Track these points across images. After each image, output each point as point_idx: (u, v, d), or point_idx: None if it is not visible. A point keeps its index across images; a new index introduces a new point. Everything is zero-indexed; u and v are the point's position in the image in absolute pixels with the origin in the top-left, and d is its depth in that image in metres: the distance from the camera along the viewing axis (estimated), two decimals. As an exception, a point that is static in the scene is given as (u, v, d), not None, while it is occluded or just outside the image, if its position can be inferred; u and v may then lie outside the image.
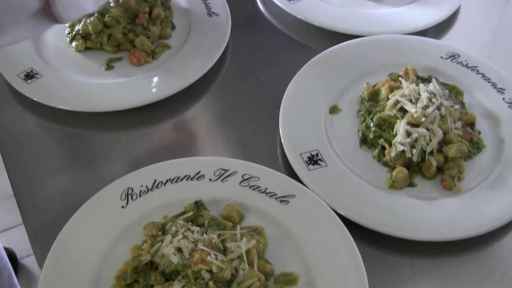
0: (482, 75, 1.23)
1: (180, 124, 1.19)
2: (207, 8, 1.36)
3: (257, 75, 1.28)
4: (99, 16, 1.26)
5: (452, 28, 1.40)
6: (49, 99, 1.17)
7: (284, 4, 1.37)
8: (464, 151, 1.06)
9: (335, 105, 1.17)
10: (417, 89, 1.10)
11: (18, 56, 1.25)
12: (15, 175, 1.11)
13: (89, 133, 1.18)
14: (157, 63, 1.26)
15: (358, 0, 1.42)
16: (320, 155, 1.07)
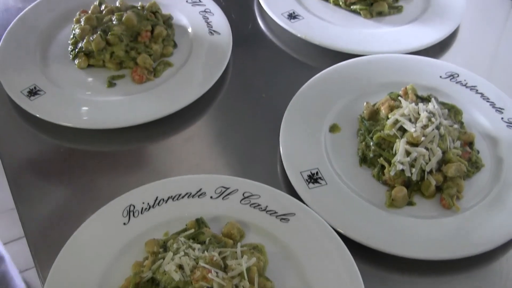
0: (481, 95, 1.24)
1: (182, 141, 1.19)
2: (209, 26, 1.37)
3: (258, 93, 1.28)
4: (102, 34, 1.27)
5: (451, 48, 1.41)
6: (52, 116, 1.18)
7: (284, 23, 1.38)
8: (463, 171, 1.07)
9: (335, 124, 1.18)
10: (417, 108, 1.10)
11: (21, 73, 1.26)
12: (17, 191, 1.12)
13: (91, 150, 1.18)
14: (159, 80, 1.27)
15: (358, 19, 1.43)
16: (320, 173, 1.08)
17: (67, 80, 1.27)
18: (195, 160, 1.16)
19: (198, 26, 1.38)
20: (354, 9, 1.44)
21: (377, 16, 1.44)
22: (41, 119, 1.18)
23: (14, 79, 1.25)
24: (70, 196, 1.11)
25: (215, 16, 1.40)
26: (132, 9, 1.32)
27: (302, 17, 1.40)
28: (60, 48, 1.34)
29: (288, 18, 1.39)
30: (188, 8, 1.43)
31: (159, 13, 1.35)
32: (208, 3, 1.43)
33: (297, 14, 1.41)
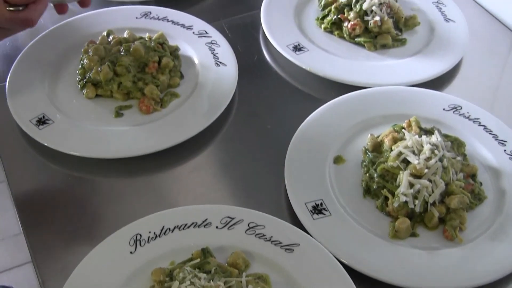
0: (484, 127, 1.25)
1: (188, 171, 1.21)
2: (215, 58, 1.39)
3: (263, 124, 1.30)
4: (110, 65, 1.28)
5: (454, 80, 1.42)
6: (60, 145, 1.20)
7: (290, 55, 1.40)
8: (466, 202, 1.07)
9: (339, 155, 1.19)
10: (420, 141, 1.12)
11: (30, 102, 1.28)
12: (25, 218, 1.13)
13: (99, 179, 1.20)
14: (165, 111, 1.28)
15: (362, 52, 1.44)
16: (325, 204, 1.09)
17: (75, 109, 1.28)
18: (201, 190, 1.17)
19: (205, 57, 1.40)
20: (358, 41, 1.45)
21: (381, 49, 1.45)
22: (49, 148, 1.19)
23: (23, 108, 1.26)
24: (78, 224, 1.12)
25: (222, 47, 1.41)
26: (140, 40, 1.34)
27: (307, 49, 1.42)
28: (68, 77, 1.35)
29: (293, 50, 1.41)
30: (194, 39, 1.44)
31: (166, 44, 1.36)
32: (215, 34, 1.45)
33: (302, 46, 1.42)
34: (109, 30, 1.40)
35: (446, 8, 1.57)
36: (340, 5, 1.48)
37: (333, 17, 1.48)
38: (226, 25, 1.53)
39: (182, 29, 1.47)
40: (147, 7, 1.53)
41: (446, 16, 1.54)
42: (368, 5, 1.43)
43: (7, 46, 1.49)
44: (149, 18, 1.50)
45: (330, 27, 1.49)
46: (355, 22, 1.44)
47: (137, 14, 1.51)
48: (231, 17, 1.57)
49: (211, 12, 1.58)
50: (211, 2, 1.64)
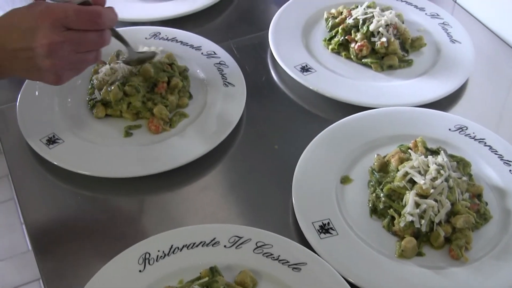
0: (490, 147, 1.26)
1: (196, 191, 1.22)
2: (223, 78, 1.40)
3: (271, 144, 1.30)
4: (120, 85, 1.30)
5: (460, 101, 1.43)
6: (70, 164, 1.21)
7: (297, 76, 1.41)
8: (472, 222, 1.08)
9: (346, 175, 1.20)
10: (426, 161, 1.13)
11: (41, 121, 1.29)
12: (35, 236, 1.14)
13: (108, 198, 1.21)
14: (174, 131, 1.29)
15: (369, 73, 1.46)
16: (332, 224, 1.10)
17: (85, 129, 1.29)
18: (209, 209, 1.18)
19: (213, 78, 1.41)
20: (365, 62, 1.46)
21: (387, 70, 1.46)
22: (59, 167, 1.21)
23: (34, 127, 1.28)
24: (87, 243, 1.12)
25: (230, 68, 1.42)
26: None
27: (314, 70, 1.43)
28: (78, 97, 1.36)
29: (301, 71, 1.42)
30: (203, 60, 1.45)
31: (175, 64, 1.38)
32: (223, 55, 1.46)
33: (310, 67, 1.44)
34: (118, 51, 1.42)
35: (452, 29, 1.58)
36: (347, 26, 1.49)
37: (340, 38, 1.50)
38: (234, 45, 1.55)
39: (191, 50, 1.48)
40: (156, 28, 1.55)
41: (452, 37, 1.55)
42: (375, 27, 1.44)
43: (18, 66, 1.51)
44: (158, 38, 1.51)
45: (338, 48, 1.50)
46: (362, 43, 1.45)
47: (146, 34, 1.53)
48: (239, 37, 1.58)
49: (220, 33, 1.60)
50: (219, 23, 1.66)
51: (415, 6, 1.66)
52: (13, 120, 1.31)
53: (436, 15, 1.63)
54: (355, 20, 1.48)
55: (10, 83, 1.44)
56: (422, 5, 1.66)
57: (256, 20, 1.68)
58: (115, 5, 1.58)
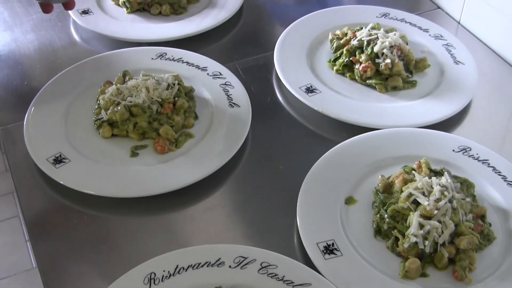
0: (493, 168, 1.27)
1: (201, 211, 1.22)
2: (229, 99, 1.41)
3: (276, 164, 1.31)
4: (126, 105, 1.31)
5: (464, 122, 1.44)
6: (76, 184, 1.22)
7: (302, 97, 1.42)
8: (475, 243, 1.09)
9: (351, 196, 1.21)
10: (430, 182, 1.13)
11: (47, 141, 1.30)
12: (41, 256, 1.15)
13: (114, 218, 1.21)
14: (180, 151, 1.30)
15: (374, 94, 1.46)
16: (336, 244, 1.11)
17: (91, 149, 1.30)
18: (214, 229, 1.19)
19: (219, 98, 1.42)
20: (369, 83, 1.47)
21: (392, 91, 1.47)
22: (65, 186, 1.21)
23: (41, 147, 1.29)
24: (92, 262, 1.13)
25: (235, 89, 1.44)
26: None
27: (319, 91, 1.44)
28: (84, 117, 1.38)
29: (306, 92, 1.43)
30: (209, 80, 1.47)
31: (181, 85, 1.39)
32: (229, 76, 1.47)
33: (315, 88, 1.44)
34: (125, 71, 1.43)
35: (456, 50, 1.59)
36: (352, 48, 1.50)
37: (345, 59, 1.51)
38: (239, 66, 1.56)
39: (196, 70, 1.50)
40: (162, 48, 1.56)
41: (455, 59, 1.56)
42: (379, 48, 1.45)
43: (25, 86, 1.52)
44: (164, 59, 1.53)
45: (342, 69, 1.51)
46: (367, 65, 1.46)
47: (152, 55, 1.54)
48: (244, 58, 1.60)
49: (225, 54, 1.61)
50: (225, 43, 1.68)
51: (419, 27, 1.67)
52: (20, 139, 1.32)
53: (440, 37, 1.64)
54: (360, 42, 1.50)
55: (18, 103, 1.45)
56: (426, 26, 1.67)
57: (261, 41, 1.69)
58: (122, 26, 1.62)
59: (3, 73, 1.57)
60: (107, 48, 1.59)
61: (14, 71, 1.58)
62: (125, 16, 1.71)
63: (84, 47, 1.65)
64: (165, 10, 1.70)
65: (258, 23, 1.78)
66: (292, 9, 1.86)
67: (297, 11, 1.76)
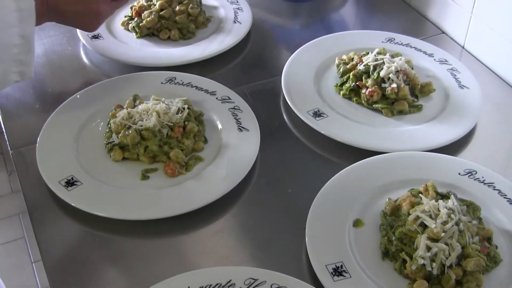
0: (499, 191, 1.28)
1: (211, 234, 1.24)
2: (238, 123, 1.43)
3: (284, 188, 1.32)
4: (137, 129, 1.33)
5: (469, 145, 1.45)
6: (88, 206, 1.23)
7: (310, 121, 1.43)
8: (482, 265, 1.10)
9: (359, 219, 1.22)
10: (437, 205, 1.15)
11: (60, 164, 1.32)
12: (54, 277, 1.16)
13: (125, 240, 1.23)
14: (190, 174, 1.31)
15: (380, 118, 1.48)
16: (345, 267, 1.12)
17: (103, 172, 1.32)
18: (223, 252, 1.20)
19: (228, 122, 1.44)
20: (376, 107, 1.49)
21: (398, 115, 1.48)
22: (77, 208, 1.23)
23: (53, 170, 1.30)
24: (104, 284, 1.14)
25: (244, 113, 1.45)
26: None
27: (326, 115, 1.45)
28: (96, 140, 1.40)
29: (313, 116, 1.45)
30: (218, 105, 1.48)
31: (191, 109, 1.41)
32: (237, 100, 1.49)
33: (322, 112, 1.46)
34: (135, 95, 1.45)
35: (461, 75, 1.61)
36: (358, 73, 1.52)
37: (351, 84, 1.52)
38: (248, 90, 1.57)
39: (206, 95, 1.51)
40: (172, 73, 1.58)
41: (460, 83, 1.58)
42: (385, 73, 1.47)
43: (36, 109, 1.54)
44: (174, 83, 1.55)
45: (349, 93, 1.53)
46: (373, 89, 1.48)
47: (162, 79, 1.56)
48: (252, 83, 1.61)
49: (234, 78, 1.63)
50: (233, 68, 1.69)
51: (424, 52, 1.69)
52: (32, 162, 1.34)
53: (445, 61, 1.66)
54: (366, 67, 1.51)
55: (30, 126, 1.47)
56: (431, 51, 1.69)
57: (269, 66, 1.71)
58: (132, 50, 1.64)
59: (15, 97, 1.59)
60: (117, 72, 1.61)
61: (26, 95, 1.60)
62: (134, 40, 1.73)
63: (95, 71, 1.67)
64: (174, 35, 1.72)
65: (265, 48, 1.81)
66: (298, 34, 1.88)
67: (304, 36, 1.78)
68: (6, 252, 3.01)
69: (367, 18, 1.99)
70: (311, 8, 2.01)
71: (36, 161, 1.32)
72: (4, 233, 3.05)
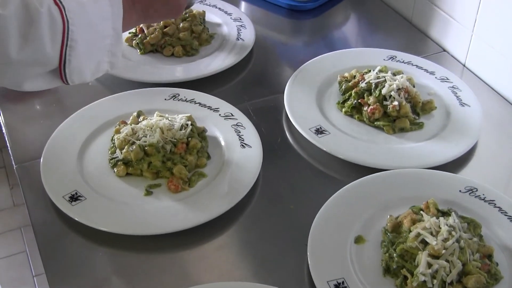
0: (499, 209, 1.28)
1: (213, 249, 1.24)
2: (240, 139, 1.43)
3: (286, 204, 1.33)
4: (141, 145, 1.34)
5: (470, 163, 1.46)
6: (92, 221, 1.24)
7: (312, 138, 1.44)
8: (483, 282, 1.10)
9: (360, 235, 1.23)
10: (438, 222, 1.15)
11: (64, 179, 1.33)
12: (57, 290, 1.17)
13: (128, 254, 1.23)
14: (193, 190, 1.32)
15: (381, 135, 1.49)
16: (346, 283, 1.12)
17: (106, 187, 1.33)
18: (226, 267, 1.21)
19: (231, 139, 1.45)
20: (377, 125, 1.50)
21: (399, 132, 1.49)
22: (81, 223, 1.24)
23: (57, 185, 1.31)
24: (107, 298, 1.15)
25: (247, 129, 1.46)
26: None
27: (328, 132, 1.46)
28: (100, 156, 1.41)
29: (315, 133, 1.46)
30: (221, 121, 1.50)
31: (194, 126, 1.42)
32: (240, 117, 1.50)
33: (324, 129, 1.47)
34: (139, 111, 1.46)
35: (462, 93, 1.62)
36: (360, 90, 1.53)
37: (353, 101, 1.53)
38: (250, 107, 1.58)
39: (209, 111, 1.52)
40: (175, 89, 1.59)
41: (461, 101, 1.59)
42: (387, 91, 1.48)
43: (41, 124, 1.55)
44: (177, 100, 1.56)
45: (351, 111, 1.54)
46: (375, 107, 1.49)
47: (166, 95, 1.57)
48: (255, 100, 1.62)
49: (236, 95, 1.64)
50: (236, 85, 1.71)
51: (425, 70, 1.70)
52: (36, 176, 1.35)
53: (446, 79, 1.67)
54: (368, 84, 1.53)
55: (34, 141, 1.48)
56: (432, 69, 1.70)
57: (271, 82, 1.73)
58: (135, 67, 1.65)
59: (20, 112, 1.60)
60: (121, 88, 1.62)
61: (30, 110, 1.61)
62: (138, 57, 1.75)
63: (99, 87, 1.68)
64: (178, 52, 1.74)
65: (268, 65, 1.82)
66: (301, 51, 1.90)
67: (306, 53, 1.80)
68: (8, 266, 3.01)
69: (369, 35, 2.00)
70: (313, 25, 2.03)
71: (41, 175, 1.33)
72: (6, 247, 3.06)
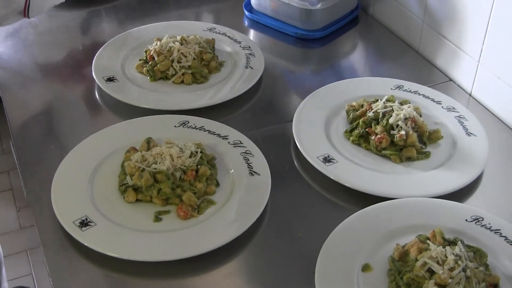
0: (505, 238, 1.29)
1: (222, 276, 1.25)
2: (249, 167, 1.45)
3: (294, 232, 1.34)
4: (151, 172, 1.35)
5: (476, 192, 1.46)
6: (101, 247, 1.25)
7: (319, 166, 1.46)
8: (489, 311, 1.12)
9: (367, 263, 1.23)
10: (444, 251, 1.16)
11: (74, 205, 1.34)
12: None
13: (137, 281, 1.24)
14: (202, 217, 1.33)
15: (388, 164, 1.50)
16: (353, 311, 1.14)
17: (116, 213, 1.34)
18: (233, 294, 1.22)
19: (239, 166, 1.46)
20: (384, 154, 1.51)
21: (406, 161, 1.50)
22: (91, 249, 1.25)
23: (67, 210, 1.33)
24: (116, 324, 1.16)
25: (255, 157, 1.48)
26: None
27: (336, 161, 1.48)
28: (110, 182, 1.42)
29: (323, 162, 1.47)
30: (230, 149, 1.51)
31: (203, 153, 1.43)
32: (249, 145, 1.52)
33: (332, 158, 1.48)
34: (148, 138, 1.48)
35: (468, 122, 1.63)
36: (368, 119, 1.55)
37: (361, 130, 1.55)
38: (259, 135, 1.59)
39: (218, 139, 1.54)
40: (185, 117, 1.60)
41: (467, 130, 1.60)
42: (394, 120, 1.50)
43: (52, 149, 1.57)
44: (186, 127, 1.57)
45: (358, 139, 1.55)
46: (382, 136, 1.50)
47: (175, 122, 1.59)
48: (263, 128, 1.64)
49: (246, 123, 1.65)
50: (245, 113, 1.72)
51: (432, 99, 1.71)
52: (47, 201, 1.36)
53: (452, 109, 1.68)
54: (376, 114, 1.54)
55: (45, 166, 1.50)
56: (438, 98, 1.72)
57: (280, 111, 1.74)
58: (145, 94, 1.66)
59: (31, 138, 1.62)
60: (131, 115, 1.63)
61: (41, 136, 1.63)
62: (148, 84, 1.77)
63: (109, 113, 1.70)
64: (187, 79, 1.76)
65: (277, 93, 1.84)
66: (308, 80, 1.92)
67: (314, 82, 1.82)
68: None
69: (376, 64, 2.02)
70: (321, 54, 2.05)
71: (51, 201, 1.35)
72: (12, 269, 3.07)
